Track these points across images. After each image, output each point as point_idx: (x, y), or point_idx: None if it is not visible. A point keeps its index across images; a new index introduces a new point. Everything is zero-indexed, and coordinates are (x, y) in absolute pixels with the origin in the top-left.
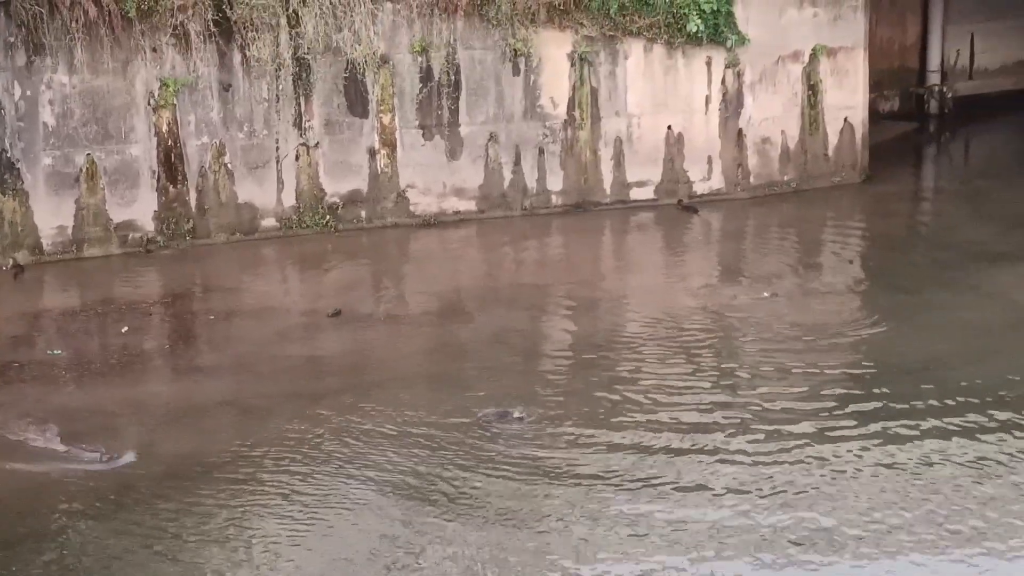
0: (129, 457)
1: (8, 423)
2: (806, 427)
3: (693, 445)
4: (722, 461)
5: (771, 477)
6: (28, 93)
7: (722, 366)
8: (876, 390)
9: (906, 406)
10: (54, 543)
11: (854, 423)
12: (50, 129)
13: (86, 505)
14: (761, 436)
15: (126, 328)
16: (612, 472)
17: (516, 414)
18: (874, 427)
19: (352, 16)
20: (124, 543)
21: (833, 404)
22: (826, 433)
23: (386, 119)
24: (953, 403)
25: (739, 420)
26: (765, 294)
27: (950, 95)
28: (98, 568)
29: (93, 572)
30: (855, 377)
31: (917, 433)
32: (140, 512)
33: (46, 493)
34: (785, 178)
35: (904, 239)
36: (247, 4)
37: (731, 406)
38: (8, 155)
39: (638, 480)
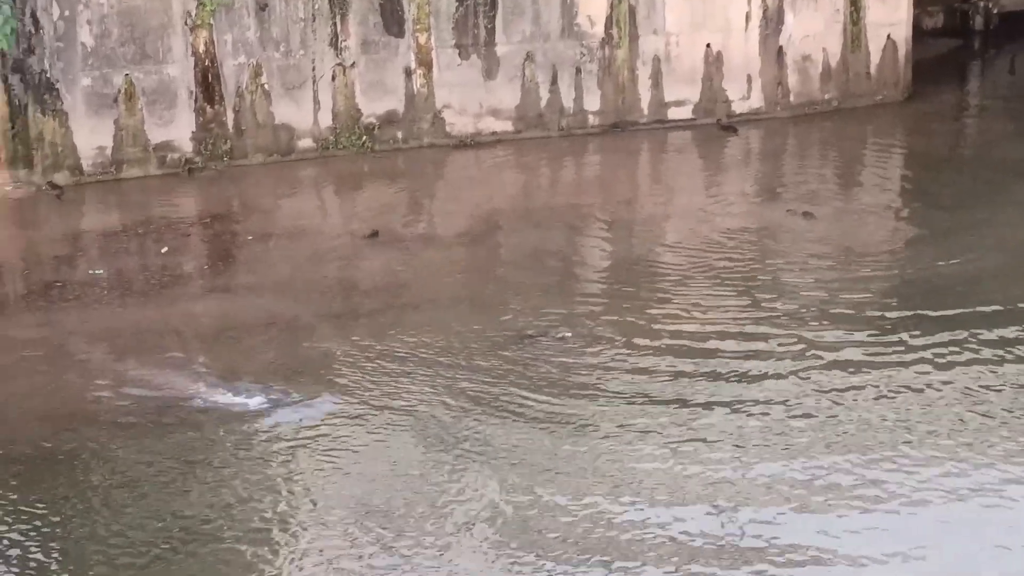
0: (327, 401)
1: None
2: (847, 345)
3: (731, 364)
4: (759, 380)
5: (809, 396)
6: (66, 13)
7: (762, 285)
8: (919, 307)
9: (951, 322)
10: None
11: (897, 341)
12: (88, 49)
13: (121, 427)
14: (802, 355)
15: (166, 248)
16: (651, 391)
17: (559, 334)
18: (918, 345)
19: None
20: (156, 464)
21: (875, 323)
22: (867, 352)
23: (422, 38)
24: (998, 319)
25: (780, 339)
26: (800, 213)
27: (995, 11)
28: (126, 492)
29: (119, 497)
30: (897, 295)
31: (961, 350)
32: (180, 433)
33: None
34: (826, 96)
35: (947, 157)
36: None
37: (771, 324)
38: (47, 75)
39: (676, 400)
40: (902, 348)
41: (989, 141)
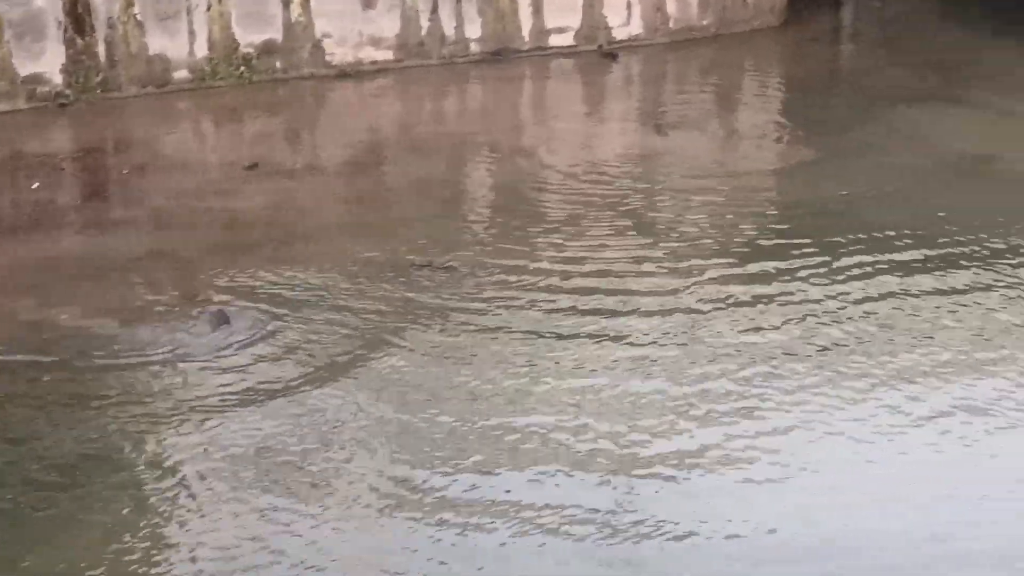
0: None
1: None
2: (727, 266)
3: (610, 286)
4: (635, 303)
5: (677, 319)
6: None
7: (646, 211)
8: (796, 228)
9: (826, 244)
10: None
11: (775, 262)
12: None
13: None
14: (679, 276)
15: (37, 184)
16: (538, 318)
17: (446, 263)
18: (795, 264)
19: None
20: (25, 408)
21: (753, 244)
22: (742, 273)
23: None
24: (871, 240)
25: (664, 266)
26: (677, 137)
27: None
28: None
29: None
30: (776, 216)
31: (834, 270)
32: (53, 373)
33: None
34: (704, 23)
35: (824, 82)
36: None
37: (655, 249)
38: None
39: (565, 326)
40: (772, 263)
41: (863, 67)
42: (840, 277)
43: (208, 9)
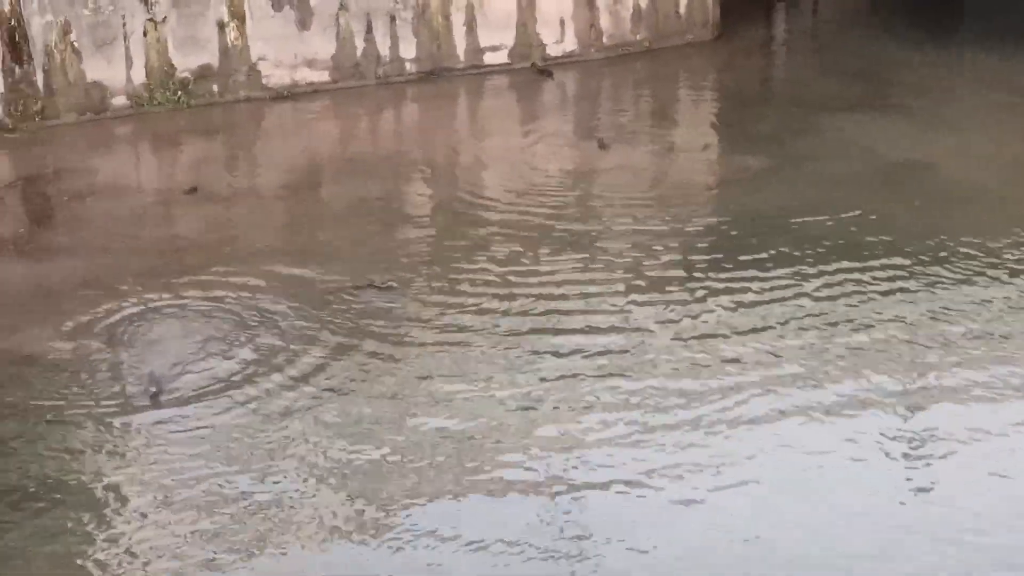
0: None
1: None
2: (676, 280)
3: (557, 305)
4: (584, 320)
5: (628, 334)
6: None
7: (584, 227)
8: (742, 240)
9: (773, 255)
10: None
11: (723, 274)
12: None
13: None
14: (627, 291)
15: None
16: (482, 332)
17: (385, 283)
18: (742, 275)
19: None
20: None
21: (700, 257)
22: (691, 286)
23: None
24: (810, 250)
25: (606, 278)
26: (613, 151)
27: None
28: None
29: None
30: (721, 228)
31: (785, 281)
32: None
33: None
34: (638, 38)
35: (759, 94)
36: None
37: (596, 270)
38: None
39: (507, 341)
40: (714, 276)
41: (795, 78)
42: (791, 287)
43: (145, 35)
